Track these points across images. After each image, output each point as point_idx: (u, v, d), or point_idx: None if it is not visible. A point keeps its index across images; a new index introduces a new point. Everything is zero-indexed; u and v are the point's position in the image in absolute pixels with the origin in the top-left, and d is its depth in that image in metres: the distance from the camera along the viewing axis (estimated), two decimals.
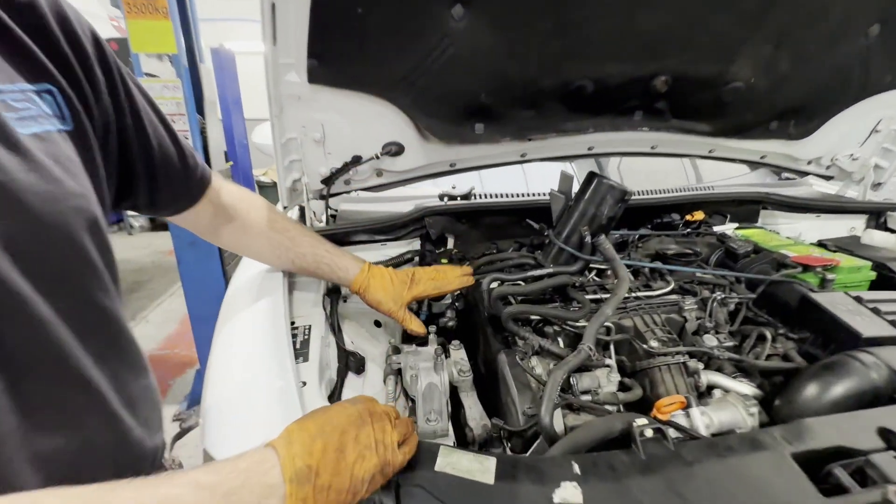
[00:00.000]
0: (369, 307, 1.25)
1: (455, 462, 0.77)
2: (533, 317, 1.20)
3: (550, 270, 1.22)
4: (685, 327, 1.23)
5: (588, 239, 1.20)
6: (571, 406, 1.03)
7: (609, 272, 1.41)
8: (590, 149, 1.58)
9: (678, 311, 1.25)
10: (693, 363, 1.12)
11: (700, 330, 1.24)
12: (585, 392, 1.06)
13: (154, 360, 3.82)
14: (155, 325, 4.49)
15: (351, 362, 1.23)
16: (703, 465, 0.75)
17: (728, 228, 1.86)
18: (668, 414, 1.00)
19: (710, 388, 1.13)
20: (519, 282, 1.29)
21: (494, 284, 1.25)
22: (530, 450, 1.04)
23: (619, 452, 0.78)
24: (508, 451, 1.12)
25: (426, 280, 1.26)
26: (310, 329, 1.13)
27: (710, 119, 1.54)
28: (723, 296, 1.27)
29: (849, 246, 1.68)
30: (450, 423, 1.23)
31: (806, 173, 1.92)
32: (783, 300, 1.35)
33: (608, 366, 1.08)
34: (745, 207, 1.97)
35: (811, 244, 1.71)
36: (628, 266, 1.29)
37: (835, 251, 1.64)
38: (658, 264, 1.31)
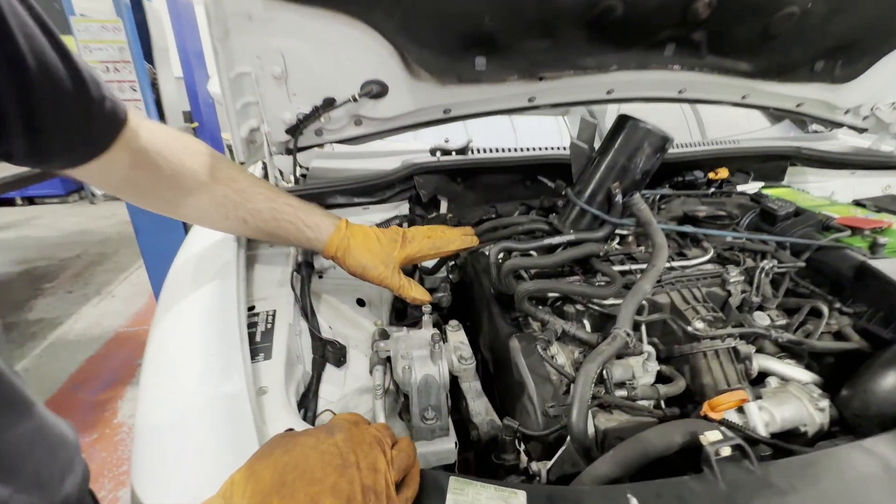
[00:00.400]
0: (351, 276, 1.01)
1: (472, 500, 0.56)
2: (551, 294, 0.98)
3: (571, 237, 1.00)
4: (728, 303, 1.03)
5: (619, 198, 0.98)
6: (603, 404, 0.83)
7: (630, 238, 1.19)
8: (609, 93, 1.33)
9: (721, 284, 1.05)
10: (745, 347, 0.93)
11: (744, 305, 1.05)
12: (619, 385, 0.87)
13: (121, 338, 3.55)
14: (122, 300, 4.19)
15: (329, 353, 1.01)
16: (805, 496, 0.56)
17: (751, 188, 1.66)
18: (723, 413, 0.81)
19: (762, 375, 0.95)
20: (531, 252, 1.06)
21: (504, 256, 1.02)
22: (553, 459, 0.85)
23: (689, 479, 0.59)
24: (524, 458, 0.93)
25: (421, 238, 1.02)
26: (274, 315, 0.90)
27: (752, 56, 1.30)
28: (771, 264, 1.07)
29: (890, 206, 1.50)
30: (450, 421, 1.03)
31: (840, 124, 1.72)
32: (832, 268, 1.16)
33: (645, 353, 0.88)
34: (772, 164, 1.76)
35: (848, 204, 1.52)
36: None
37: (877, 212, 1.45)
38: (691, 228, 1.09)
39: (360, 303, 1.31)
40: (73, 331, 3.69)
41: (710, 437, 0.62)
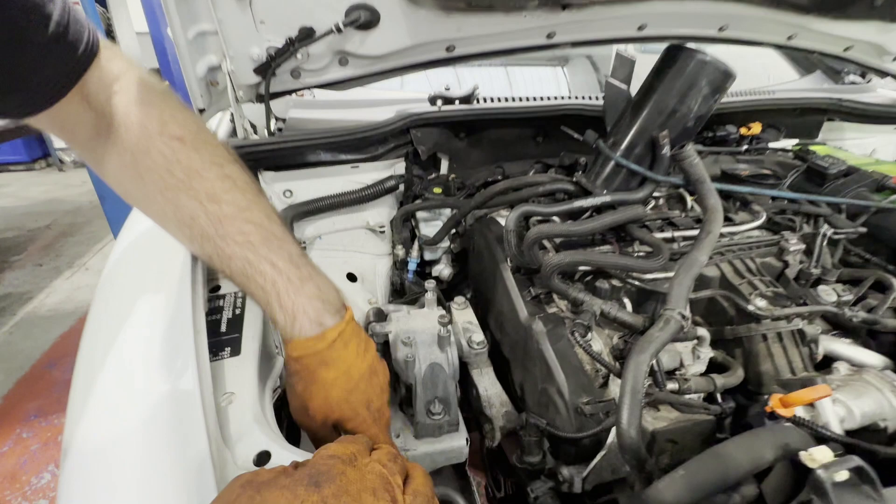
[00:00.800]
0: (341, 247, 0.77)
1: None
2: (583, 267, 0.82)
3: (606, 198, 0.82)
4: (785, 275, 0.88)
5: (666, 150, 0.80)
6: (652, 400, 0.69)
7: (661, 202, 1.02)
8: (640, 28, 1.12)
9: (777, 254, 0.89)
10: (811, 328, 0.78)
11: (800, 278, 0.90)
12: (669, 375, 0.72)
13: None
14: (96, 273, 3.95)
15: None
16: None
17: (783, 145, 1.49)
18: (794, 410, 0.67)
19: (828, 360, 0.81)
20: (553, 218, 0.88)
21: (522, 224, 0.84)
22: (591, 465, 0.71)
23: None
24: (549, 459, 0.79)
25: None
26: (244, 298, 0.72)
27: None
28: (832, 230, 0.92)
29: None
30: (460, 416, 0.88)
31: (885, 73, 1.53)
32: (891, 234, 1.01)
33: (699, 337, 0.73)
34: (806, 119, 1.59)
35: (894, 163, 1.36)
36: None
37: None
38: (748, 188, 0.92)
39: (351, 277, 1.13)
40: (44, 306, 3.48)
41: (819, 456, 0.47)
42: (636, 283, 0.80)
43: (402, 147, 1.17)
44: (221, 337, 0.64)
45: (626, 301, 0.75)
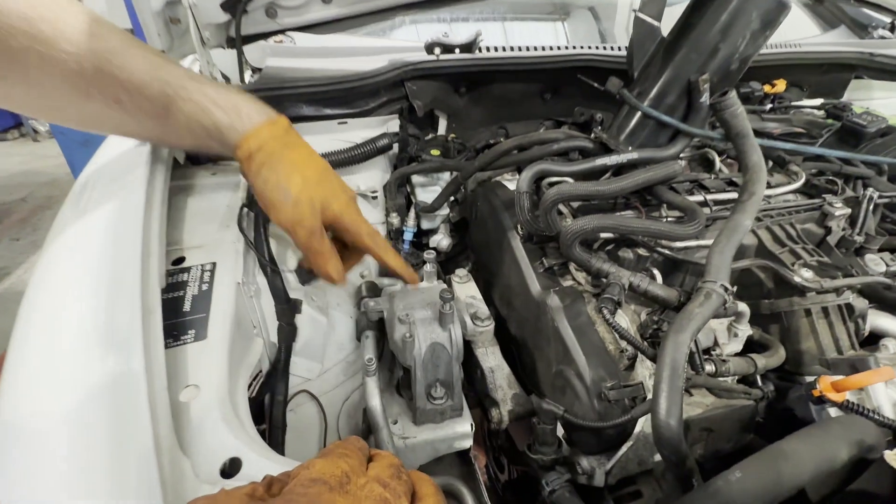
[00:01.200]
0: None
1: None
2: (604, 235, 0.71)
3: (633, 156, 0.71)
4: (827, 242, 0.79)
5: (705, 97, 0.68)
6: (690, 385, 0.60)
7: (685, 163, 0.92)
8: None
9: (819, 219, 0.80)
10: (860, 302, 0.70)
11: (841, 245, 0.81)
12: (705, 354, 0.63)
13: None
14: None
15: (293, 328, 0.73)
16: None
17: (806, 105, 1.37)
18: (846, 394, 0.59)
19: (874, 337, 0.73)
20: (567, 178, 0.77)
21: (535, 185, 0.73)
22: (616, 457, 0.63)
23: None
24: (565, 448, 0.71)
25: (366, 224, 0.71)
26: (212, 272, 0.61)
27: None
28: (878, 194, 0.82)
29: None
30: (464, 401, 0.80)
31: None
32: None
33: (739, 313, 0.64)
34: (832, 76, 1.47)
35: None
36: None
37: None
38: (793, 144, 0.81)
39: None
40: (22, 282, 3.35)
41: None
42: (666, 252, 0.70)
43: (395, 102, 1.04)
44: (185, 318, 0.53)
45: (657, 273, 0.66)
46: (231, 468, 0.40)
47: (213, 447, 0.42)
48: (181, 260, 0.63)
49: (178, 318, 0.53)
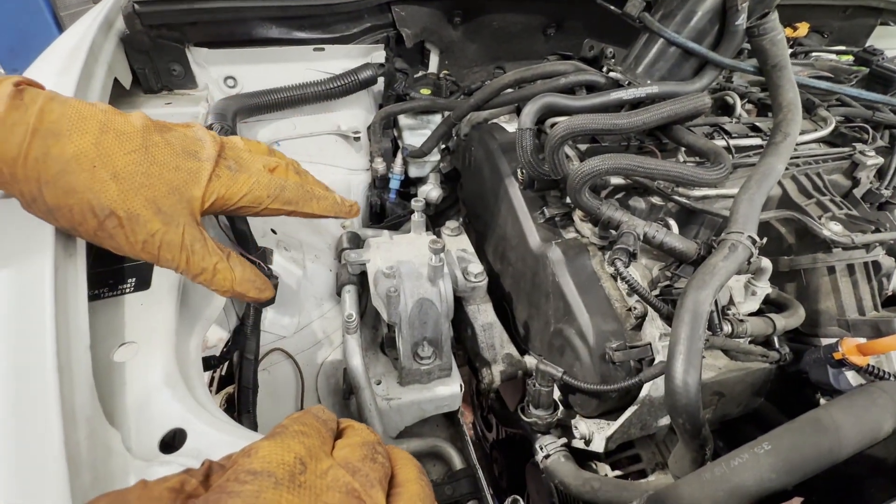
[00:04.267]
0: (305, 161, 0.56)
1: None
2: (614, 181, 0.63)
3: (653, 89, 0.62)
4: (853, 194, 0.72)
5: (742, 19, 0.58)
6: (707, 346, 0.54)
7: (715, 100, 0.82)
8: None
9: (848, 170, 0.72)
10: (888, 260, 0.64)
11: (867, 199, 0.75)
12: (722, 313, 0.57)
13: None
14: None
15: (268, 273, 0.64)
16: None
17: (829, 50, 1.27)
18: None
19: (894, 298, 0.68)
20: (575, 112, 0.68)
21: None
22: (619, 422, 0.58)
23: None
24: (561, 412, 0.66)
25: (258, 165, 0.45)
26: None
27: None
28: None
29: None
30: (453, 360, 0.74)
31: None
32: None
33: (761, 269, 0.57)
34: (856, 21, 1.36)
35: None
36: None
37: None
38: (829, 83, 0.72)
39: None
40: None
41: None
42: (682, 200, 0.62)
43: (380, 29, 0.91)
44: (123, 264, 0.45)
45: (673, 223, 0.58)
46: (172, 443, 0.33)
47: (153, 416, 0.35)
48: None
49: (115, 265, 0.44)
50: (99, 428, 0.31)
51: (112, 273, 0.43)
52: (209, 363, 0.62)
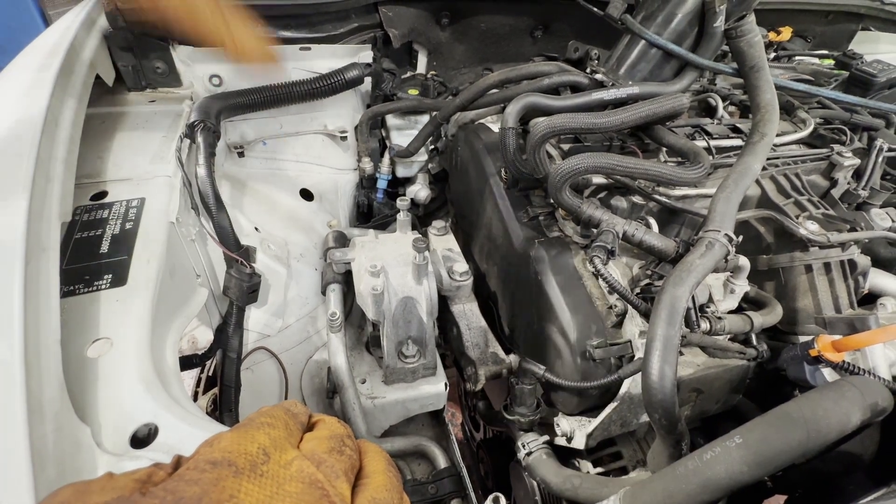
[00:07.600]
0: (294, 158, 0.59)
1: None
2: (596, 180, 0.64)
3: (634, 89, 0.63)
4: (831, 195, 0.74)
5: (720, 21, 0.59)
6: (684, 343, 0.55)
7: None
8: None
9: (826, 170, 0.74)
10: (863, 259, 0.65)
11: (845, 199, 0.76)
12: (700, 311, 0.58)
13: None
14: None
15: (234, 279, 0.63)
16: None
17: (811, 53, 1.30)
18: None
19: (870, 296, 0.69)
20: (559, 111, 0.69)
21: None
22: (599, 418, 0.58)
23: None
24: (543, 409, 0.66)
25: None
26: (139, 208, 0.51)
27: None
28: (888, 146, 0.76)
29: None
30: (438, 359, 0.74)
31: None
32: None
33: (738, 267, 0.58)
34: (838, 27, 1.39)
35: None
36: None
37: None
38: (805, 85, 0.74)
39: (307, 195, 0.93)
40: None
41: None
42: (663, 200, 0.63)
43: (368, 29, 0.92)
44: (100, 260, 0.44)
45: (653, 222, 0.59)
46: (143, 438, 0.33)
47: (126, 411, 0.35)
48: (102, 195, 0.53)
49: (93, 261, 0.44)
50: (67, 422, 0.31)
51: (87, 269, 0.43)
52: (190, 361, 0.61)
